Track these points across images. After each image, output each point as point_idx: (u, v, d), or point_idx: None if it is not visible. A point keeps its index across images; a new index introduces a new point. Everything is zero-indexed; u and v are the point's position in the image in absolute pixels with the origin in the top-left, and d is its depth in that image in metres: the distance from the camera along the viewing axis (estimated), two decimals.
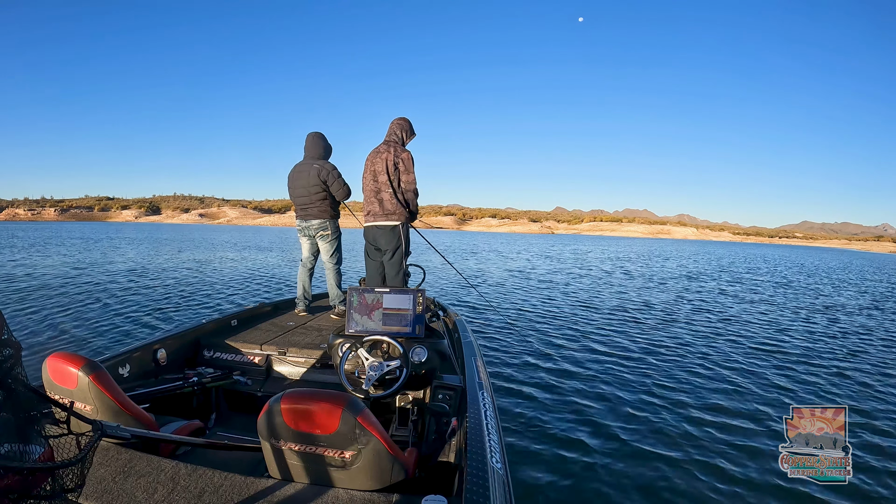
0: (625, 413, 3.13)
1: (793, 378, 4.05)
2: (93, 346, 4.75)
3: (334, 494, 1.03)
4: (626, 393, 3.49)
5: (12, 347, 0.72)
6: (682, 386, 3.68)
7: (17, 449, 0.69)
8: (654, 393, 3.50)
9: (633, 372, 3.99)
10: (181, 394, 2.11)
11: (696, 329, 5.94)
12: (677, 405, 3.28)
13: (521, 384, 3.63)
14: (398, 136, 3.20)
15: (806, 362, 4.56)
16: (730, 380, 3.88)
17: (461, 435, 1.43)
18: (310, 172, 3.30)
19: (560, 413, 3.11)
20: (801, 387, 3.84)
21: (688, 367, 4.20)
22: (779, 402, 3.42)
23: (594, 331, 5.60)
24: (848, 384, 3.94)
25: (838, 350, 5.16)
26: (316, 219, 3.40)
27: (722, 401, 3.39)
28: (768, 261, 25.97)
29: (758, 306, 8.29)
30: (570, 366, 4.13)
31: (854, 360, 4.73)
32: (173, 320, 5.67)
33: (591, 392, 3.50)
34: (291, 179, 3.42)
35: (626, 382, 3.72)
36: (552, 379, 3.76)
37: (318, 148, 3.38)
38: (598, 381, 3.75)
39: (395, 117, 3.26)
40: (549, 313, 6.71)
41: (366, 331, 2.03)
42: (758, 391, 3.64)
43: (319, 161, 3.34)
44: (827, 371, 4.30)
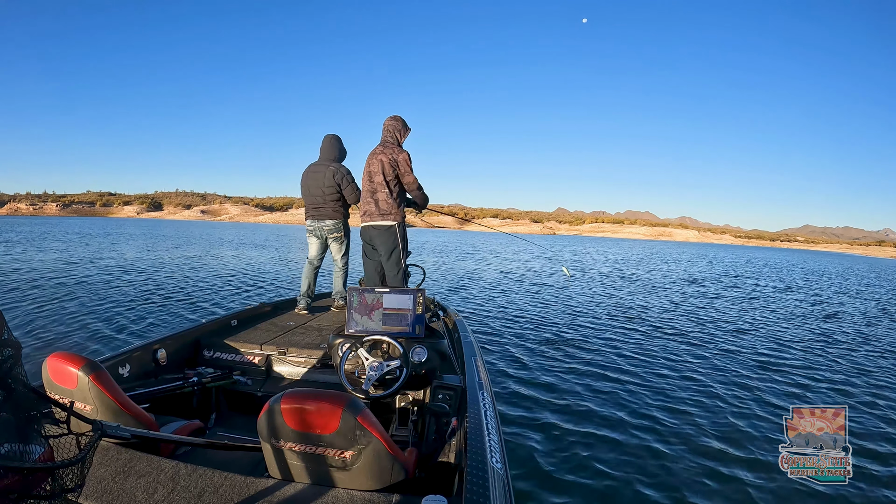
0: (625, 413, 3.13)
1: (797, 382, 4.05)
2: (93, 345, 4.75)
3: (334, 494, 1.03)
4: (626, 393, 3.49)
5: (12, 347, 0.72)
6: (683, 386, 3.68)
7: (17, 449, 0.69)
8: (655, 393, 3.50)
9: (633, 372, 3.99)
10: (181, 394, 2.11)
11: (698, 330, 5.95)
12: (678, 404, 3.28)
13: (522, 384, 3.63)
14: (394, 137, 3.20)
15: (811, 366, 4.57)
16: (731, 380, 3.88)
17: (461, 435, 1.43)
18: (325, 174, 3.33)
19: (560, 413, 3.11)
20: (809, 391, 3.84)
21: (689, 366, 4.20)
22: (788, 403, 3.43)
23: (594, 330, 5.61)
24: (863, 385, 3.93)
25: (847, 353, 5.16)
26: (330, 219, 3.47)
27: (722, 401, 3.39)
28: (769, 265, 25.93)
29: (758, 310, 8.31)
30: (571, 365, 4.13)
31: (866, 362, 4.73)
32: (174, 318, 5.67)
33: (591, 392, 3.50)
34: (306, 179, 3.46)
35: (626, 382, 3.72)
36: (552, 378, 3.76)
37: (334, 150, 3.44)
38: (599, 380, 3.75)
39: (388, 116, 3.26)
40: (549, 313, 6.71)
41: (366, 331, 2.03)
42: (759, 393, 3.64)
43: (335, 164, 3.40)
44: (837, 372, 4.30)
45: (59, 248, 15.53)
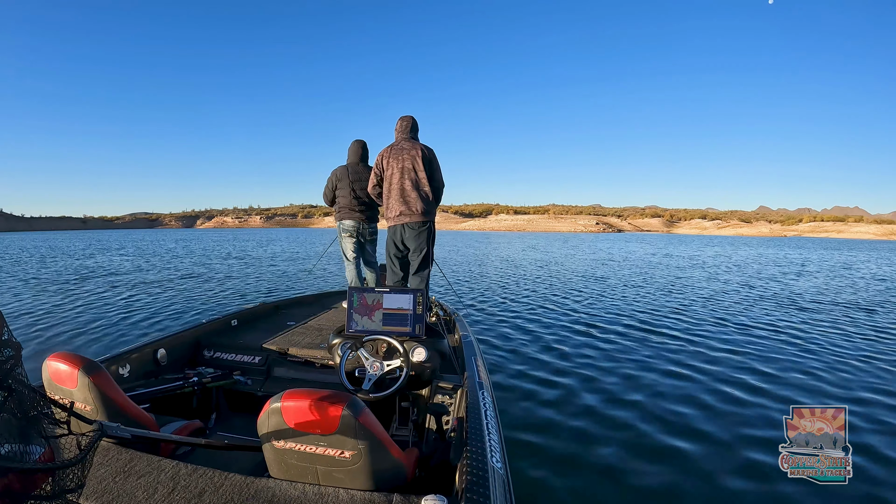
0: (626, 413, 3.12)
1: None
2: (93, 345, 4.76)
3: (334, 494, 1.03)
4: (627, 393, 3.49)
5: (12, 348, 0.72)
6: (684, 385, 3.68)
7: (18, 449, 0.69)
8: (656, 393, 3.50)
9: (634, 372, 3.99)
10: (181, 394, 2.12)
11: (717, 329, 5.93)
12: (680, 402, 3.27)
13: (522, 383, 3.63)
14: (415, 134, 3.21)
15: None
16: (733, 382, 3.87)
17: (461, 435, 1.44)
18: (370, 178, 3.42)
19: (561, 412, 3.11)
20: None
21: (693, 366, 4.19)
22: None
23: (594, 330, 5.60)
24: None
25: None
26: (374, 221, 3.73)
27: (724, 401, 3.38)
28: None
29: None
30: (571, 365, 4.12)
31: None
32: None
33: (592, 391, 3.49)
34: (345, 180, 3.61)
35: (627, 382, 3.72)
36: (553, 378, 3.76)
37: (366, 153, 3.70)
38: (600, 380, 3.74)
39: (402, 115, 3.26)
40: (549, 313, 6.71)
41: (366, 331, 2.03)
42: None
43: (371, 166, 3.56)
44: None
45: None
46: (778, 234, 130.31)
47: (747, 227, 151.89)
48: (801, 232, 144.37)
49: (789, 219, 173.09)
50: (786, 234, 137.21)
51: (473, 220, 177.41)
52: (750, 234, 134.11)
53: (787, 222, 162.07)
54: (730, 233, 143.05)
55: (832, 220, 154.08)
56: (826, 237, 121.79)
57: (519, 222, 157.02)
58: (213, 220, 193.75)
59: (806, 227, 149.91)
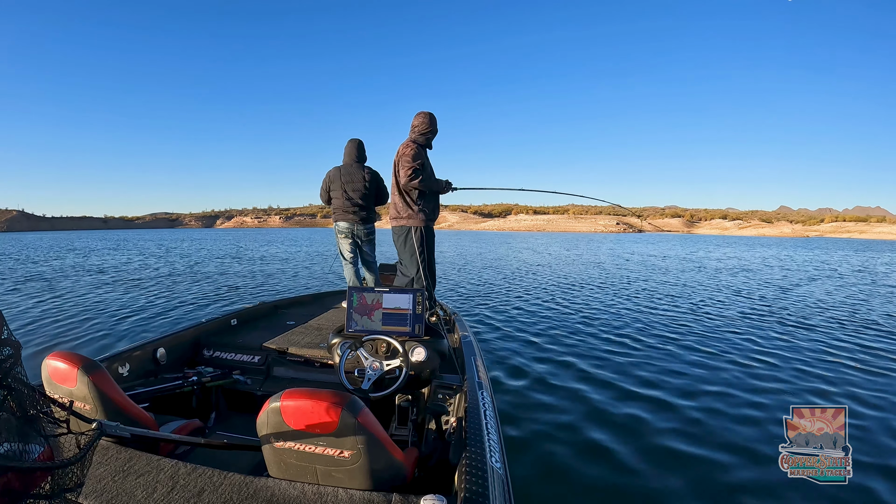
0: (626, 413, 3.12)
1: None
2: (93, 345, 4.76)
3: (334, 494, 1.03)
4: (627, 392, 3.49)
5: (12, 346, 0.72)
6: (685, 385, 3.68)
7: (17, 448, 0.69)
8: (656, 393, 3.50)
9: (634, 373, 3.98)
10: (181, 393, 2.12)
11: (722, 330, 5.93)
12: (680, 402, 3.27)
13: (522, 383, 3.63)
14: (413, 133, 3.12)
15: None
16: (733, 381, 3.87)
17: (460, 435, 1.44)
18: (364, 177, 3.33)
19: (561, 412, 3.11)
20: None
21: (693, 366, 4.19)
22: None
23: (594, 329, 5.60)
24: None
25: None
26: (370, 222, 3.65)
27: (723, 401, 3.38)
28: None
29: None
30: (571, 365, 4.12)
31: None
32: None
33: (592, 391, 3.49)
34: (337, 182, 3.53)
35: (627, 383, 3.71)
36: (553, 378, 3.75)
37: (362, 153, 3.59)
38: (600, 381, 3.74)
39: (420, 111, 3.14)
40: (549, 312, 6.71)
41: (365, 330, 2.03)
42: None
43: (367, 167, 3.47)
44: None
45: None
46: (800, 235, 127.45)
47: (769, 227, 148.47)
48: (822, 232, 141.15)
49: (810, 219, 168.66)
50: (808, 234, 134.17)
51: (493, 220, 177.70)
52: (772, 234, 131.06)
53: (809, 222, 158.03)
54: (752, 233, 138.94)
55: (854, 221, 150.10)
56: (849, 237, 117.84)
57: (538, 222, 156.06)
58: (232, 220, 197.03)
59: (828, 227, 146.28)
